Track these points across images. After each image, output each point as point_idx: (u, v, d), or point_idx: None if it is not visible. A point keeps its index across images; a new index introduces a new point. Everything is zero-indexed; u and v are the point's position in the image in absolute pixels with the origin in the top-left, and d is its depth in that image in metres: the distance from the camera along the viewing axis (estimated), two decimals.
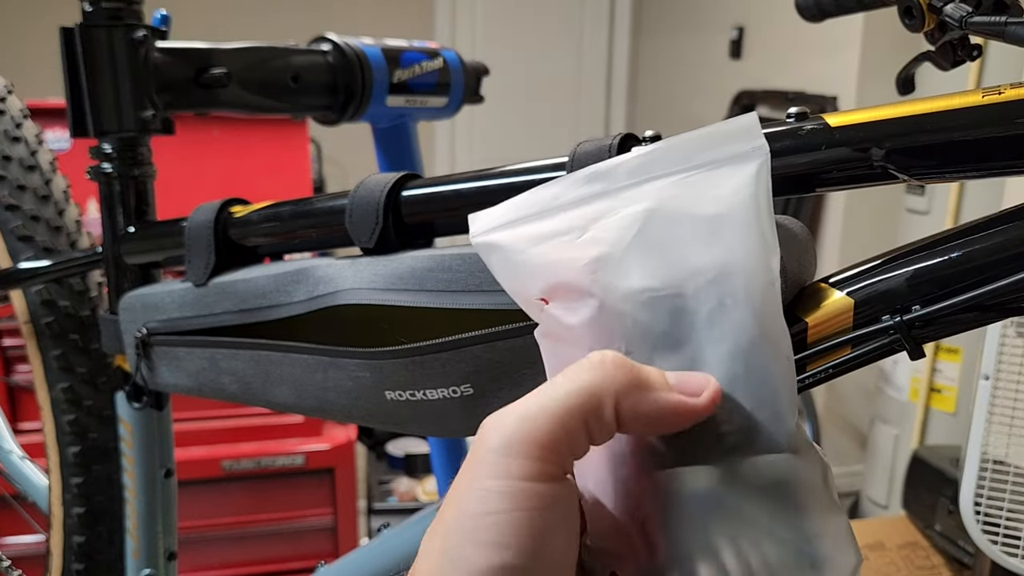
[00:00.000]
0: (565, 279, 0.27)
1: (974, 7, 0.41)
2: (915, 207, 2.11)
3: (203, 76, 0.65)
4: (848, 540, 0.26)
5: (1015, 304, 0.32)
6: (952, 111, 0.33)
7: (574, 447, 0.25)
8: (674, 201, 0.27)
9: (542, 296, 0.28)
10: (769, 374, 0.26)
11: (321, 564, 0.63)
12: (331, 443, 1.65)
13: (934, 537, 1.77)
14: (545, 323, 0.29)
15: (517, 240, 0.29)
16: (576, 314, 0.27)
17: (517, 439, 0.24)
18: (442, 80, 0.84)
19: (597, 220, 0.28)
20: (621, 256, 0.27)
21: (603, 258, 0.27)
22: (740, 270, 0.26)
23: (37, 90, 1.53)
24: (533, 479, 0.24)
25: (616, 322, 0.27)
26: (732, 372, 0.26)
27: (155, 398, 0.71)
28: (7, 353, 1.53)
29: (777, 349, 0.26)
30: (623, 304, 0.27)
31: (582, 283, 0.27)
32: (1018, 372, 1.12)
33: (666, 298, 0.26)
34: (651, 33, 3.56)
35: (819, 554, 0.26)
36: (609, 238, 0.27)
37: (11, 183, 0.76)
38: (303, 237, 0.57)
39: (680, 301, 0.26)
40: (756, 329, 0.26)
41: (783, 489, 0.26)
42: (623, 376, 0.25)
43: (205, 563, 1.65)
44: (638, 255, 0.27)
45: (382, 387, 0.48)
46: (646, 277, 0.27)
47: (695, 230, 0.27)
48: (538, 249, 0.28)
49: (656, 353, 0.27)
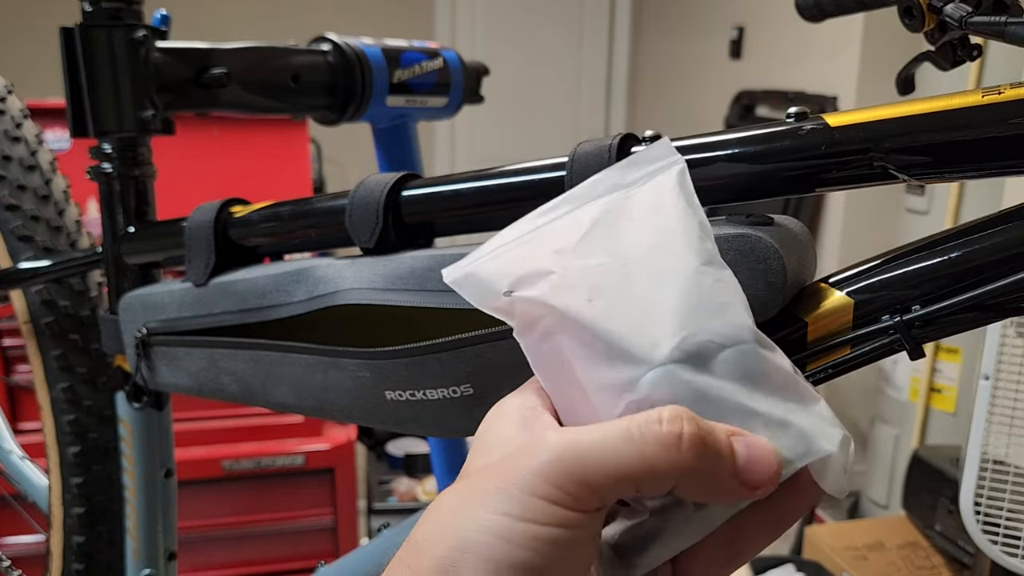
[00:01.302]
0: (528, 268, 0.30)
1: (974, 7, 0.41)
2: (915, 207, 2.11)
3: (203, 76, 0.65)
4: (832, 417, 0.28)
5: (1015, 304, 0.32)
6: (952, 111, 0.33)
7: (616, 497, 0.25)
8: (616, 205, 0.31)
9: (508, 290, 0.30)
10: (721, 288, 0.29)
11: (321, 564, 0.63)
12: (331, 443, 1.65)
13: (934, 537, 1.77)
14: (518, 316, 0.30)
15: (483, 259, 0.32)
16: (539, 287, 0.29)
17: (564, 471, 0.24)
18: (442, 80, 0.84)
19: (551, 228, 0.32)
20: (576, 245, 0.30)
21: (561, 248, 0.30)
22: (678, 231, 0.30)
23: (37, 90, 1.53)
24: (553, 524, 0.24)
25: (579, 281, 0.29)
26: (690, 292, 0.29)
27: (155, 398, 0.71)
28: (7, 353, 1.53)
29: (722, 271, 0.29)
30: (580, 273, 0.29)
31: (543, 264, 0.30)
32: (1018, 372, 1.12)
33: (616, 266, 0.29)
34: (651, 33, 3.56)
35: (807, 428, 0.28)
36: (565, 235, 0.31)
37: (11, 183, 0.76)
38: (303, 237, 0.57)
39: (627, 266, 0.29)
40: (696, 260, 0.29)
41: (758, 376, 0.28)
42: (694, 460, 0.25)
43: (205, 563, 1.65)
44: (590, 243, 0.30)
45: (382, 387, 0.48)
46: (599, 255, 0.30)
47: (636, 222, 0.30)
48: (502, 256, 0.31)
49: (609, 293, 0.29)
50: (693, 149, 0.40)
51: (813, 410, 0.28)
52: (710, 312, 0.28)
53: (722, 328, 0.28)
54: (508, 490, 0.24)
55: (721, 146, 0.39)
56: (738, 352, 0.28)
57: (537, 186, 0.45)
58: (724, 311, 0.28)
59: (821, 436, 0.27)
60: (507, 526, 0.24)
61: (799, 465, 0.27)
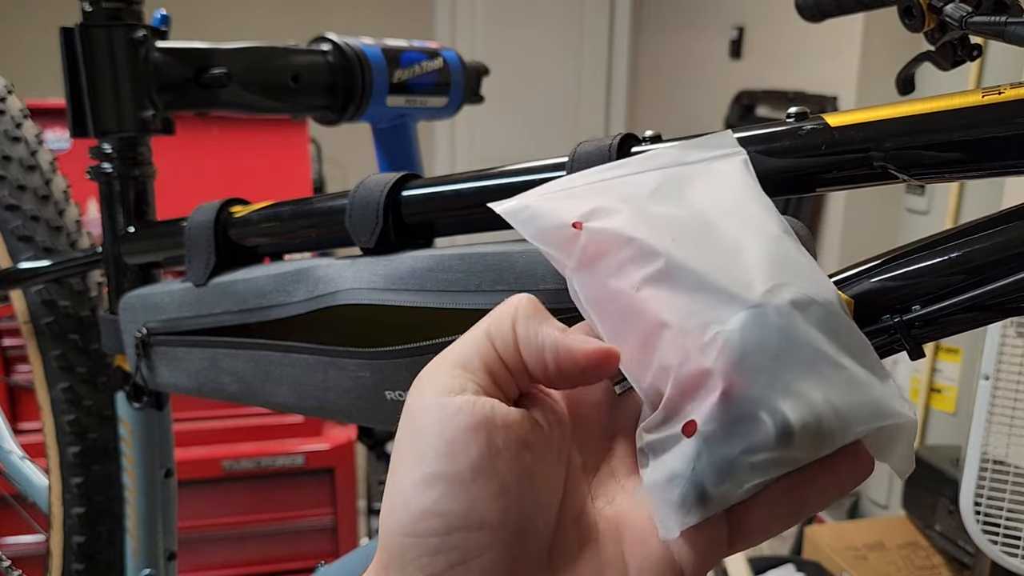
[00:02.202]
0: (600, 204, 0.31)
1: (974, 7, 0.41)
2: (915, 207, 2.11)
3: (203, 76, 0.65)
4: (903, 393, 0.28)
5: (1015, 304, 0.32)
6: (952, 111, 0.33)
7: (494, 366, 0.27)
8: (681, 174, 0.32)
9: (578, 221, 0.30)
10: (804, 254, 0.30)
11: (321, 564, 0.63)
12: (331, 443, 1.65)
13: (934, 537, 1.77)
14: (582, 250, 0.30)
15: (538, 197, 0.32)
16: (616, 219, 0.30)
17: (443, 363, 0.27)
18: (442, 80, 0.84)
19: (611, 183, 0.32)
20: (648, 195, 0.31)
21: (631, 196, 0.31)
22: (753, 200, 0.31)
23: (37, 90, 1.53)
24: (452, 392, 0.26)
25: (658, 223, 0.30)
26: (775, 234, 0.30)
27: (155, 398, 0.71)
28: (7, 353, 1.53)
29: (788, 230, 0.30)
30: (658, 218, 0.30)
31: (615, 205, 0.31)
32: (1018, 372, 1.12)
33: (695, 219, 0.30)
34: (651, 33, 3.56)
35: (883, 394, 0.27)
36: (631, 188, 0.31)
37: (11, 183, 0.76)
38: (303, 237, 0.57)
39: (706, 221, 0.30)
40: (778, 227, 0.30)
41: (843, 336, 0.28)
42: (527, 304, 0.28)
43: (205, 563, 1.65)
44: (662, 197, 0.31)
45: (382, 387, 0.48)
46: (674, 208, 0.30)
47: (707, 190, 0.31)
48: (561, 199, 0.32)
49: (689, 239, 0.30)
50: None
51: (888, 381, 0.28)
52: (798, 270, 0.28)
53: (809, 286, 0.28)
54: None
55: None
56: (826, 309, 0.28)
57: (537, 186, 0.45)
58: (811, 271, 0.29)
59: (896, 404, 0.27)
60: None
61: (873, 426, 0.27)
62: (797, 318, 0.27)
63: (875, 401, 0.27)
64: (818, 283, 0.29)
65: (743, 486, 0.27)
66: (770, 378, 0.26)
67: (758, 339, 0.27)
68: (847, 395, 0.27)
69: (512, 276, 0.42)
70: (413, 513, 0.25)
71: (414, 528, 0.25)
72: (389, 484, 0.26)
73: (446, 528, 0.24)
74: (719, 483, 0.27)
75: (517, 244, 0.43)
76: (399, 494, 0.25)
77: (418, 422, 0.26)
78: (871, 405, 0.27)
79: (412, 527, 0.25)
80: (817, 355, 0.27)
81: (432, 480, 0.25)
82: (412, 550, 0.25)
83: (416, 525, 0.25)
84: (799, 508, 0.28)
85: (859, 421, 0.27)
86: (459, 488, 0.25)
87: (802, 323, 0.27)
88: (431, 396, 0.26)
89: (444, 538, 0.24)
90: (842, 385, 0.27)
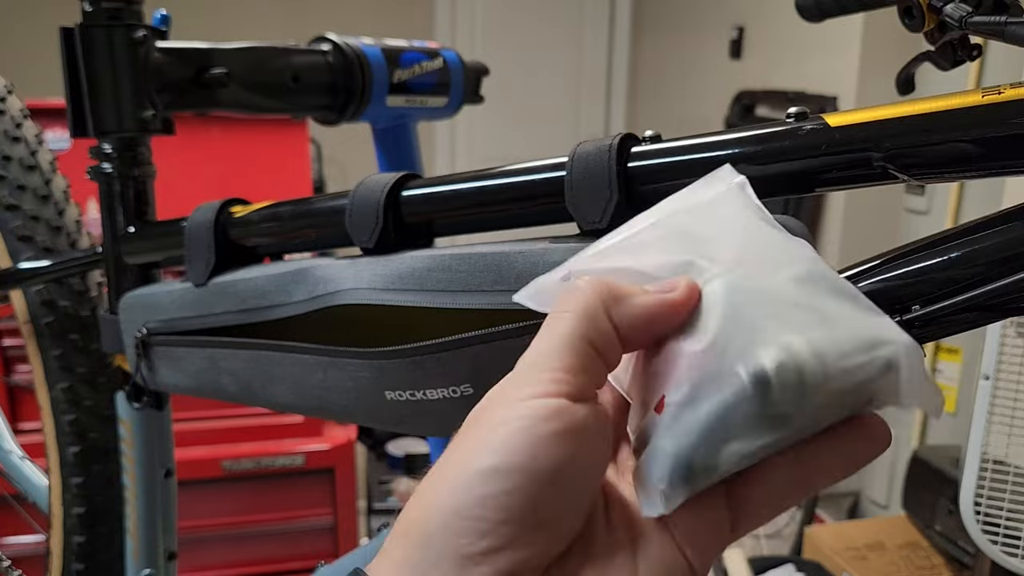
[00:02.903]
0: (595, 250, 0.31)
1: (974, 7, 0.41)
2: (915, 207, 2.11)
3: (203, 76, 0.65)
4: (900, 328, 0.26)
5: (1015, 304, 0.32)
6: (952, 111, 0.33)
7: (589, 369, 0.26)
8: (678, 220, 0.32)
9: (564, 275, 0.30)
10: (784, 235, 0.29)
11: (321, 564, 0.63)
12: (331, 443, 1.65)
13: (934, 537, 1.77)
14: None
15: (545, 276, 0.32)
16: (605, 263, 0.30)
17: (533, 366, 0.26)
18: (442, 80, 0.84)
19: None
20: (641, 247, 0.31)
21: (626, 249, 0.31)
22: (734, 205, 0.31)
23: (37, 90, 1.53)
24: (544, 396, 0.25)
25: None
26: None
27: (155, 398, 0.71)
28: (7, 353, 1.53)
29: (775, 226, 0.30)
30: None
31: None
32: (1018, 372, 1.12)
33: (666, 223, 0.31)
34: (651, 33, 3.56)
35: (871, 329, 0.26)
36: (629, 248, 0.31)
37: (11, 183, 0.76)
38: (303, 237, 0.57)
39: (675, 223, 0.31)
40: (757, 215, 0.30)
41: (820, 280, 0.27)
42: (603, 289, 0.27)
43: (205, 563, 1.65)
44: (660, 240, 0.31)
45: (382, 387, 0.48)
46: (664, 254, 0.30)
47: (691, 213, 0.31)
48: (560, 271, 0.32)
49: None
50: (693, 149, 0.40)
51: (875, 314, 0.26)
52: (769, 248, 0.28)
53: (783, 255, 0.28)
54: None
55: (721, 146, 0.39)
56: (798, 267, 0.27)
57: (537, 186, 0.45)
58: (788, 240, 0.29)
59: (883, 332, 0.25)
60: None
61: (863, 360, 0.25)
62: (762, 277, 0.27)
63: (860, 332, 0.25)
64: (794, 247, 0.28)
65: (724, 452, 0.26)
66: (736, 332, 0.26)
67: (722, 298, 0.27)
68: (827, 332, 0.25)
69: (512, 276, 0.42)
70: (475, 496, 0.24)
71: (471, 511, 0.24)
72: (447, 467, 0.26)
73: (503, 518, 0.24)
74: (696, 451, 0.26)
75: (517, 244, 0.43)
76: (461, 476, 0.25)
77: (502, 416, 0.26)
78: (856, 337, 0.25)
79: (469, 510, 0.24)
80: (787, 302, 0.26)
81: (506, 472, 0.24)
82: (455, 528, 0.24)
83: (474, 509, 0.24)
84: (803, 484, 0.27)
85: (844, 355, 0.25)
86: (533, 486, 0.24)
87: (769, 279, 0.27)
88: (521, 400, 0.26)
89: (497, 525, 0.24)
90: (820, 323, 0.25)
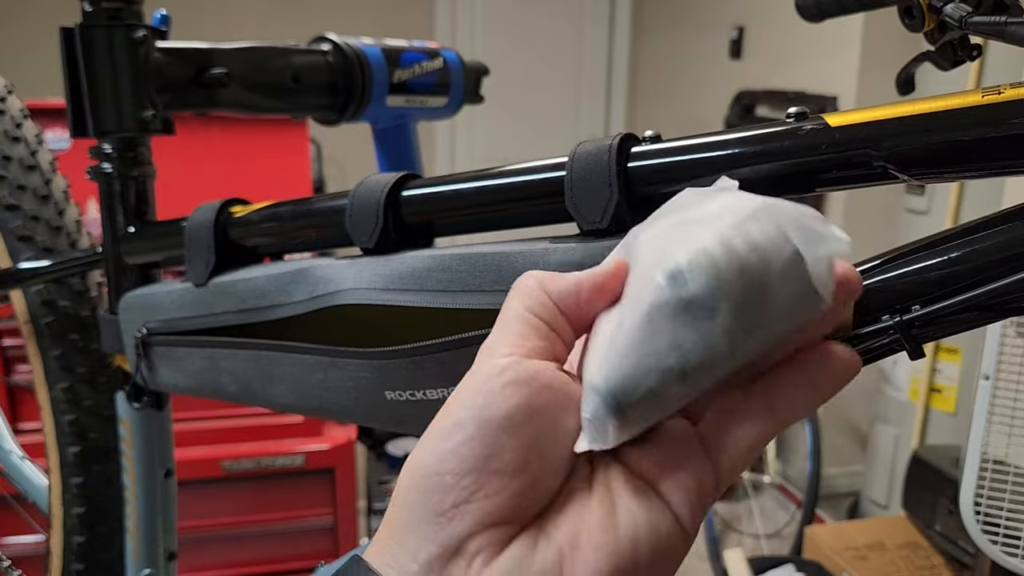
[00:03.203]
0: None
1: (974, 7, 0.41)
2: (915, 207, 2.11)
3: (203, 76, 0.65)
4: (826, 220, 0.27)
5: (1015, 304, 0.32)
6: (952, 111, 0.33)
7: (538, 335, 0.28)
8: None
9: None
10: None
11: (321, 564, 0.63)
12: (331, 443, 1.65)
13: (934, 537, 1.77)
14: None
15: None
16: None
17: (489, 347, 0.28)
18: (442, 80, 0.84)
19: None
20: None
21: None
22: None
23: (37, 90, 1.53)
24: (498, 360, 0.27)
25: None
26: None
27: (155, 398, 0.71)
28: (7, 353, 1.53)
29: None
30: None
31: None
32: (1018, 372, 1.12)
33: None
34: (651, 33, 3.56)
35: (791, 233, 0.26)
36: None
37: (11, 183, 0.76)
38: (303, 237, 0.57)
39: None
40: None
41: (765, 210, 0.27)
42: (539, 274, 0.29)
43: (205, 563, 1.65)
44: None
45: (382, 387, 0.48)
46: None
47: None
48: None
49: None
50: (693, 149, 0.40)
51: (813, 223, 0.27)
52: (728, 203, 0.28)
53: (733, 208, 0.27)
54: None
55: (721, 146, 0.39)
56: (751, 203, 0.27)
57: (537, 186, 0.45)
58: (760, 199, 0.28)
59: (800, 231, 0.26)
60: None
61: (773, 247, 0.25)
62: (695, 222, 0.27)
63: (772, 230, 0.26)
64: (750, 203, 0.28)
65: (656, 373, 0.25)
66: (655, 258, 0.26)
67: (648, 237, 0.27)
68: (738, 232, 0.25)
69: (512, 276, 0.42)
70: (436, 455, 0.26)
71: (435, 467, 0.25)
72: (419, 441, 0.27)
73: (463, 469, 0.25)
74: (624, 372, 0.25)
75: (517, 244, 0.43)
76: (426, 438, 0.26)
77: (462, 384, 0.27)
78: (766, 232, 0.25)
79: (434, 467, 0.25)
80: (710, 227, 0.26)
81: (461, 424, 0.26)
82: (425, 488, 0.26)
83: (438, 465, 0.25)
84: (776, 420, 0.27)
85: (755, 247, 0.25)
86: (486, 432, 0.25)
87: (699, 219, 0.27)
88: (481, 372, 0.27)
89: (458, 477, 0.25)
90: (733, 228, 0.26)
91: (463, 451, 0.25)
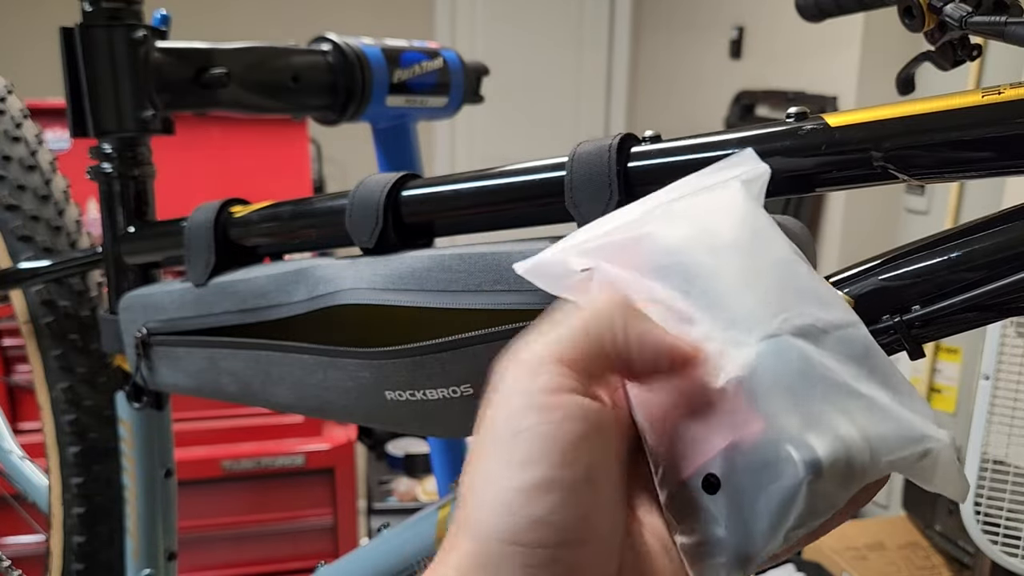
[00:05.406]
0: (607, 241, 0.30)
1: (974, 7, 0.41)
2: (915, 207, 2.11)
3: (203, 76, 0.65)
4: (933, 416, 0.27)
5: (1015, 304, 0.32)
6: (952, 111, 0.33)
7: (595, 371, 0.26)
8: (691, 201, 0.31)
9: (585, 267, 0.29)
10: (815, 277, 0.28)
11: (321, 564, 0.63)
12: (331, 443, 1.65)
13: (934, 537, 1.77)
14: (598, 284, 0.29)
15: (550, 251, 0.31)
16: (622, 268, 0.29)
17: (543, 357, 0.25)
18: (442, 80, 0.84)
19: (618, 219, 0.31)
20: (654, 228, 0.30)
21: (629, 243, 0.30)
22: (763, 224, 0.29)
23: (37, 90, 1.53)
24: (559, 392, 0.24)
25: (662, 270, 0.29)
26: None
27: (155, 398, 0.71)
28: (7, 353, 1.53)
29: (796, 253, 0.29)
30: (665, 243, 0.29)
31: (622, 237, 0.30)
32: (1018, 372, 1.12)
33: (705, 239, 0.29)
34: (651, 33, 3.56)
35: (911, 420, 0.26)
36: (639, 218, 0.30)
37: (11, 183, 0.76)
38: (303, 237, 0.57)
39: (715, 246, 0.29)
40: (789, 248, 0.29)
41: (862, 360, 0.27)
42: (623, 299, 0.27)
43: (205, 563, 1.65)
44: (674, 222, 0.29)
45: (382, 387, 0.48)
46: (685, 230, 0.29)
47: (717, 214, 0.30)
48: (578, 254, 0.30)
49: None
50: (693, 149, 0.40)
51: (916, 405, 0.27)
52: (811, 298, 0.27)
53: (821, 311, 0.27)
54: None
55: (721, 146, 0.39)
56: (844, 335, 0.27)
57: (537, 186, 0.45)
58: (826, 295, 0.28)
59: (926, 429, 0.26)
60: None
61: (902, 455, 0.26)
62: (809, 348, 0.26)
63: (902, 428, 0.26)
64: (836, 303, 0.28)
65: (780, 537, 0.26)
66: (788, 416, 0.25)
67: (770, 377, 0.25)
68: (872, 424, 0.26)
69: (512, 276, 0.42)
70: (521, 521, 0.23)
71: (522, 537, 0.23)
72: (480, 478, 0.24)
73: (559, 540, 0.23)
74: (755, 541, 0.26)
75: (517, 244, 0.43)
76: (499, 495, 0.23)
77: (519, 420, 0.24)
78: (898, 432, 0.26)
79: (520, 536, 0.23)
80: (835, 385, 0.26)
81: (547, 486, 0.23)
82: (516, 558, 0.23)
83: (525, 535, 0.23)
84: (818, 533, 0.27)
85: (886, 451, 0.25)
86: (575, 497, 0.23)
87: (815, 353, 0.26)
88: (534, 395, 0.24)
89: (555, 550, 0.23)
90: (866, 414, 0.26)
91: (556, 520, 0.23)
